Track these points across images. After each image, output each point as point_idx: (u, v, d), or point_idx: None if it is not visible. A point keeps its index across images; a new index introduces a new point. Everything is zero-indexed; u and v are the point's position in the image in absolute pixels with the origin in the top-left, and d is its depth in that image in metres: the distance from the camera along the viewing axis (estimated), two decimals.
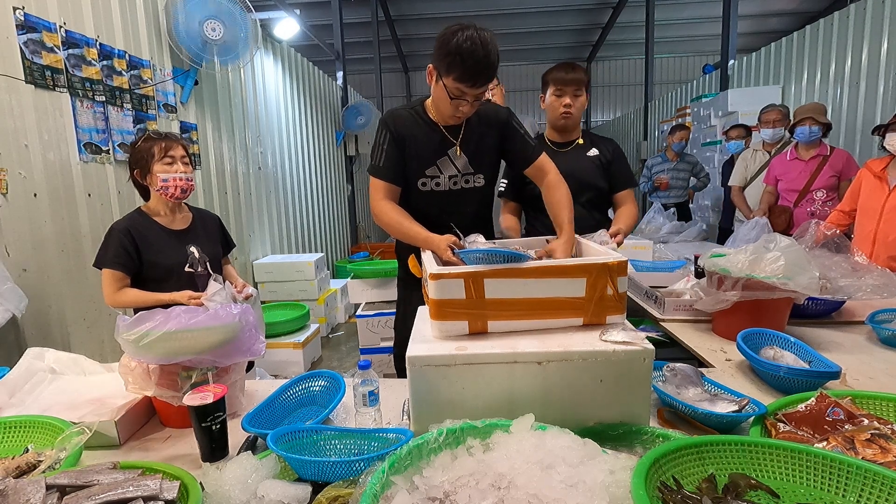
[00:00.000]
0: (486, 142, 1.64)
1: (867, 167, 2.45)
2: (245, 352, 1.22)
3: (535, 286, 1.08)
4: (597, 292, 1.08)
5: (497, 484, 0.74)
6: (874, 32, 4.02)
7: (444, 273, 1.07)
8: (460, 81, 1.37)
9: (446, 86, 1.39)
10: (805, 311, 1.75)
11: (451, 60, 1.34)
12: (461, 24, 1.36)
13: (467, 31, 1.33)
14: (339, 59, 6.86)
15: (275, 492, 0.82)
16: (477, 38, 1.33)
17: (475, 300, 1.07)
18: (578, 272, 1.08)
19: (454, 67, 1.35)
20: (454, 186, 1.64)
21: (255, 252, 4.43)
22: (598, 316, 1.10)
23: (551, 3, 9.18)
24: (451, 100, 1.41)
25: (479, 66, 1.34)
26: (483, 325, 1.10)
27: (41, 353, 1.43)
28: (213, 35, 3.12)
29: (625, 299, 1.11)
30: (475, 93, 1.40)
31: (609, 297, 1.09)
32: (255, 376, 2.58)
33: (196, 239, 1.87)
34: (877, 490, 0.73)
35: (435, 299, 1.08)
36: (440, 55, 1.37)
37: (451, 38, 1.34)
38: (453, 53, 1.33)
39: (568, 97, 1.97)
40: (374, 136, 1.60)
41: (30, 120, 2.19)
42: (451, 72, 1.36)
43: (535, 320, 1.10)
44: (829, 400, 1.01)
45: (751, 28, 10.04)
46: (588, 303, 1.09)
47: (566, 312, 1.10)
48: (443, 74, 1.38)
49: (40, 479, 0.77)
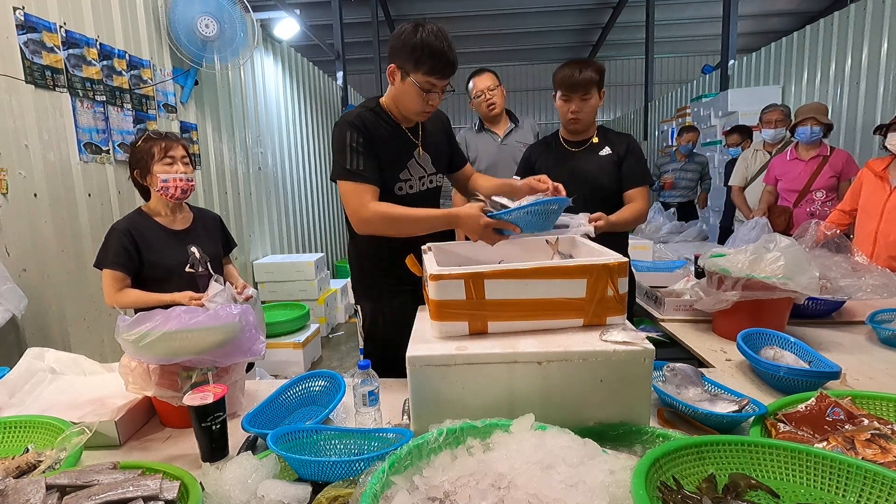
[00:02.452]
0: (440, 140, 1.66)
1: (868, 167, 2.45)
2: (245, 352, 1.22)
3: (535, 287, 1.08)
4: (597, 293, 1.08)
5: (497, 484, 0.74)
6: (874, 32, 4.02)
7: (444, 274, 1.06)
8: (431, 74, 1.38)
9: (416, 81, 1.40)
10: (805, 311, 1.75)
11: (420, 55, 1.36)
12: (416, 21, 1.40)
13: (428, 27, 1.37)
14: (339, 59, 6.86)
15: (275, 492, 0.82)
16: (439, 31, 1.37)
17: (475, 301, 1.07)
18: (579, 273, 1.07)
19: (423, 61, 1.37)
20: (423, 188, 1.61)
21: (255, 252, 4.43)
22: (598, 317, 1.10)
23: (551, 3, 9.17)
24: (423, 94, 1.41)
25: (447, 58, 1.38)
26: (483, 326, 1.10)
27: (41, 353, 1.43)
28: (207, 32, 3.11)
29: (625, 300, 1.10)
30: (443, 84, 1.43)
31: (609, 297, 1.08)
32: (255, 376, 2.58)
33: (197, 239, 1.87)
34: (877, 490, 0.73)
35: (435, 300, 1.08)
36: (405, 52, 1.38)
37: (414, 34, 1.36)
38: (420, 48, 1.35)
39: (575, 103, 1.87)
40: (337, 141, 1.47)
41: (30, 120, 2.19)
42: (421, 66, 1.37)
43: (535, 321, 1.10)
44: (829, 400, 1.01)
45: (751, 28, 10.04)
46: (588, 304, 1.09)
47: (566, 313, 1.09)
48: (410, 71, 1.39)
49: (40, 479, 0.77)
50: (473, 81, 2.82)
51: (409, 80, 1.40)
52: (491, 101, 2.78)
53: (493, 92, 2.77)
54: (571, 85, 1.85)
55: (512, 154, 2.84)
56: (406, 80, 1.41)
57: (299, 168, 5.52)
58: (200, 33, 3.11)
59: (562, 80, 1.87)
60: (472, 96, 2.85)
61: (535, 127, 2.98)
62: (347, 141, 1.44)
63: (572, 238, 1.45)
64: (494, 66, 3.01)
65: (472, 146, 2.89)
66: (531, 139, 2.91)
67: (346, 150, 1.44)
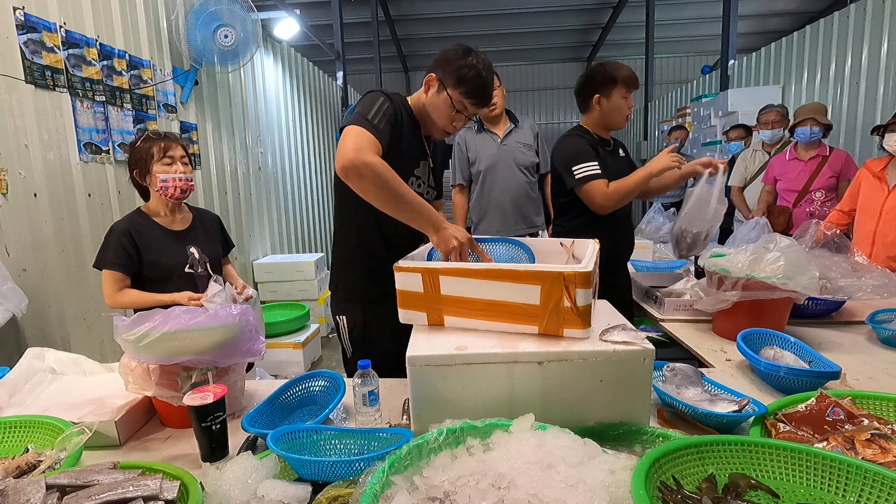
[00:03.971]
0: (440, 160, 1.71)
1: (867, 167, 2.45)
2: (245, 352, 1.22)
3: (490, 288, 1.08)
4: (552, 302, 1.03)
5: (497, 484, 0.74)
6: (874, 32, 4.02)
7: (403, 266, 1.15)
8: (468, 97, 1.42)
9: (451, 97, 1.42)
10: (805, 311, 1.75)
11: (465, 74, 1.39)
12: (469, 47, 1.44)
13: (481, 55, 1.43)
14: (339, 59, 6.86)
15: (275, 492, 0.83)
16: (490, 65, 1.45)
17: (432, 295, 1.13)
18: (532, 279, 1.04)
19: (466, 82, 1.40)
20: (424, 194, 1.59)
21: (255, 252, 4.43)
22: (554, 327, 1.05)
23: (551, 3, 9.16)
24: (453, 112, 1.44)
25: (488, 90, 1.44)
26: (440, 319, 1.15)
27: (41, 353, 1.43)
28: (226, 42, 3.17)
29: (587, 313, 1.03)
30: (475, 112, 1.48)
31: (566, 309, 1.02)
32: (255, 376, 2.58)
33: (196, 239, 1.87)
34: (877, 490, 0.73)
35: (398, 290, 1.17)
36: (452, 68, 1.40)
37: (466, 56, 1.40)
38: (468, 68, 1.39)
39: (631, 100, 1.97)
40: (367, 99, 1.39)
41: (30, 120, 2.19)
42: (462, 86, 1.40)
43: (490, 321, 1.10)
44: (829, 400, 1.01)
45: (751, 28, 10.03)
46: (543, 311, 1.05)
47: (521, 318, 1.07)
48: (449, 86, 1.42)
49: (40, 479, 0.77)
50: None
51: (446, 94, 1.42)
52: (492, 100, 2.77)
53: (494, 92, 2.77)
54: (636, 82, 1.93)
55: (511, 154, 2.84)
56: (442, 93, 1.43)
57: (299, 168, 5.52)
58: (220, 44, 3.15)
59: (629, 79, 1.91)
60: None
61: (534, 127, 2.97)
62: (380, 103, 1.37)
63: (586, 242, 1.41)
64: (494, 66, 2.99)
65: (472, 146, 2.89)
66: (531, 139, 2.90)
67: (374, 107, 1.35)
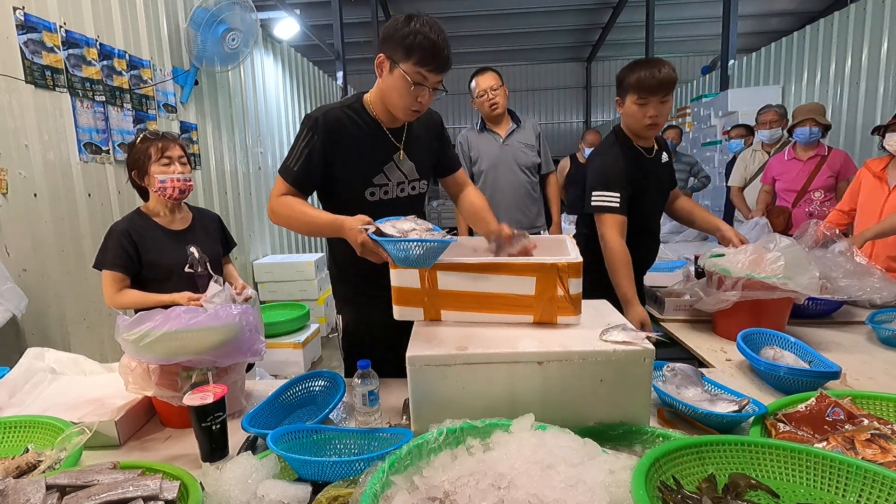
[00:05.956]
0: (427, 145, 1.55)
1: (867, 167, 2.44)
2: (245, 352, 1.22)
3: (486, 281, 1.11)
4: (547, 292, 1.09)
5: (497, 484, 0.74)
6: (874, 32, 4.02)
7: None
8: (422, 65, 1.28)
9: (405, 71, 1.29)
10: (805, 311, 1.76)
11: (411, 42, 1.25)
12: (409, 14, 1.31)
13: (422, 18, 1.29)
14: (339, 59, 6.85)
15: (275, 492, 0.83)
16: (434, 23, 1.28)
17: (429, 290, 1.15)
18: (527, 271, 1.10)
19: (414, 50, 1.25)
20: (401, 194, 1.49)
21: (255, 252, 4.43)
22: (548, 315, 1.11)
23: (551, 3, 9.17)
24: (411, 87, 1.30)
25: (440, 50, 1.27)
26: (437, 314, 1.17)
27: (41, 353, 1.43)
28: (234, 44, 3.21)
29: (578, 300, 1.11)
30: (436, 79, 1.33)
31: (560, 297, 1.09)
32: (255, 376, 2.58)
33: (196, 239, 1.86)
34: (877, 490, 0.73)
35: (394, 286, 1.17)
36: (396, 40, 1.28)
37: (408, 23, 1.27)
38: (412, 35, 1.25)
39: (652, 106, 1.68)
40: (297, 134, 1.41)
41: (30, 120, 2.19)
42: (412, 55, 1.27)
43: (486, 314, 1.14)
44: (829, 400, 1.01)
45: (751, 28, 10.03)
46: (538, 301, 1.11)
47: (516, 309, 1.13)
48: (400, 60, 1.28)
49: (40, 479, 0.77)
50: (476, 80, 2.80)
51: (399, 70, 1.29)
52: (494, 100, 2.76)
53: (496, 92, 2.76)
54: (652, 87, 1.65)
55: (513, 154, 2.84)
56: (395, 70, 1.30)
57: None
58: (228, 47, 3.18)
59: (639, 83, 1.66)
60: (474, 96, 2.83)
61: (536, 127, 2.97)
62: (300, 139, 1.40)
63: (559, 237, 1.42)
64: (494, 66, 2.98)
65: (474, 146, 2.89)
66: (533, 139, 2.90)
67: (295, 147, 1.40)
